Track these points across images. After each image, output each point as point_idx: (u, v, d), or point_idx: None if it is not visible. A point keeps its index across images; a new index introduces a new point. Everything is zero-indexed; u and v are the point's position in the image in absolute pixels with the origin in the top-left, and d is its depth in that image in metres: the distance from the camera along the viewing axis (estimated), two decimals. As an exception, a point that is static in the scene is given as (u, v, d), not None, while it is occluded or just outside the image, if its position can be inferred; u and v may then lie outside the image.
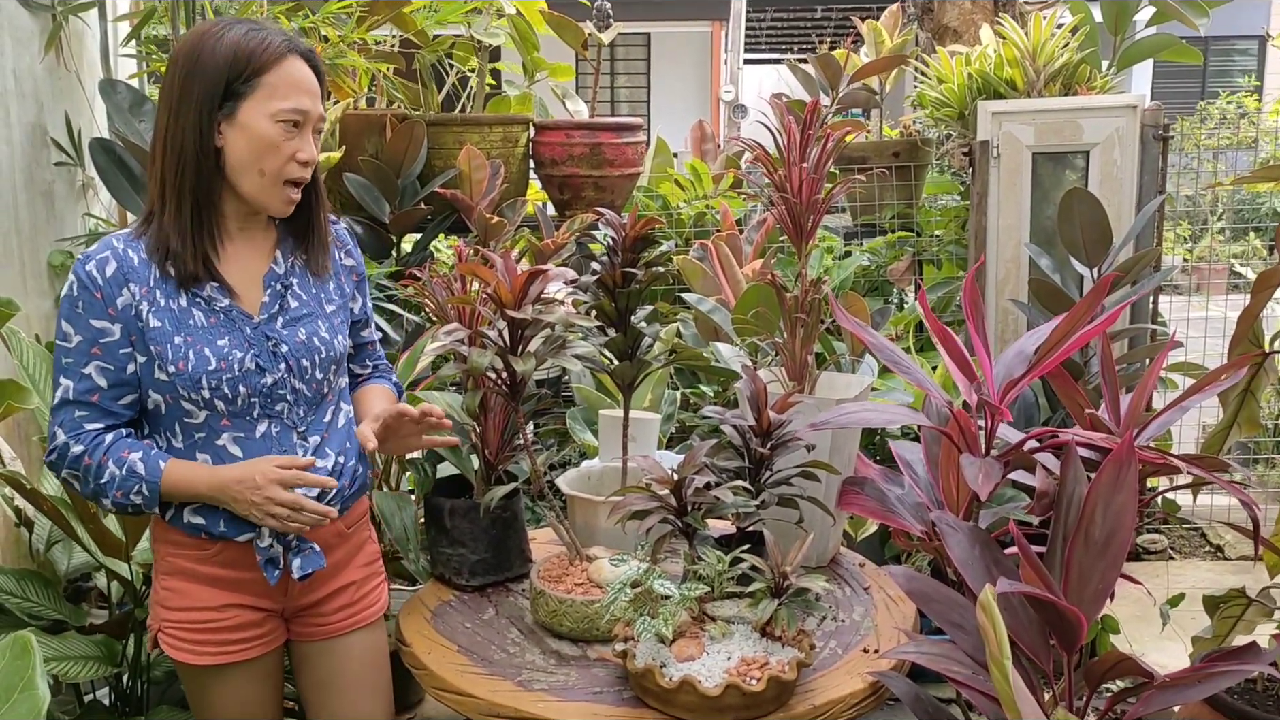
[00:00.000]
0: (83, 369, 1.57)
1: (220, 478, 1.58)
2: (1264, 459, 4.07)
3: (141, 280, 1.58)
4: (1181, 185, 5.56)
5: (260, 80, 1.55)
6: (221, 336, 1.60)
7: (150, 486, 1.57)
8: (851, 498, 1.70)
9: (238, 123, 1.56)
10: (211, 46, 1.55)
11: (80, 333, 1.57)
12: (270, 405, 1.64)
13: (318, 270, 1.72)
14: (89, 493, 1.60)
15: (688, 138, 5.04)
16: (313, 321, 1.70)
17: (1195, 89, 13.32)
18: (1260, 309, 2.14)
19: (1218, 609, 2.34)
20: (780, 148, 2.10)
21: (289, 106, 1.57)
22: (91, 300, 1.56)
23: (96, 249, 1.59)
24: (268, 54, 1.56)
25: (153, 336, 1.57)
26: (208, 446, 1.62)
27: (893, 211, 3.96)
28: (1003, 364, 1.66)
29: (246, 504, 1.57)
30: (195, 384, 1.57)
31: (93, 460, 1.57)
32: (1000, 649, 1.18)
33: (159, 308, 1.58)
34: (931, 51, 4.26)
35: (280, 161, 1.59)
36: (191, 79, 1.54)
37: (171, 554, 1.66)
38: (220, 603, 1.66)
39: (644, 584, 1.62)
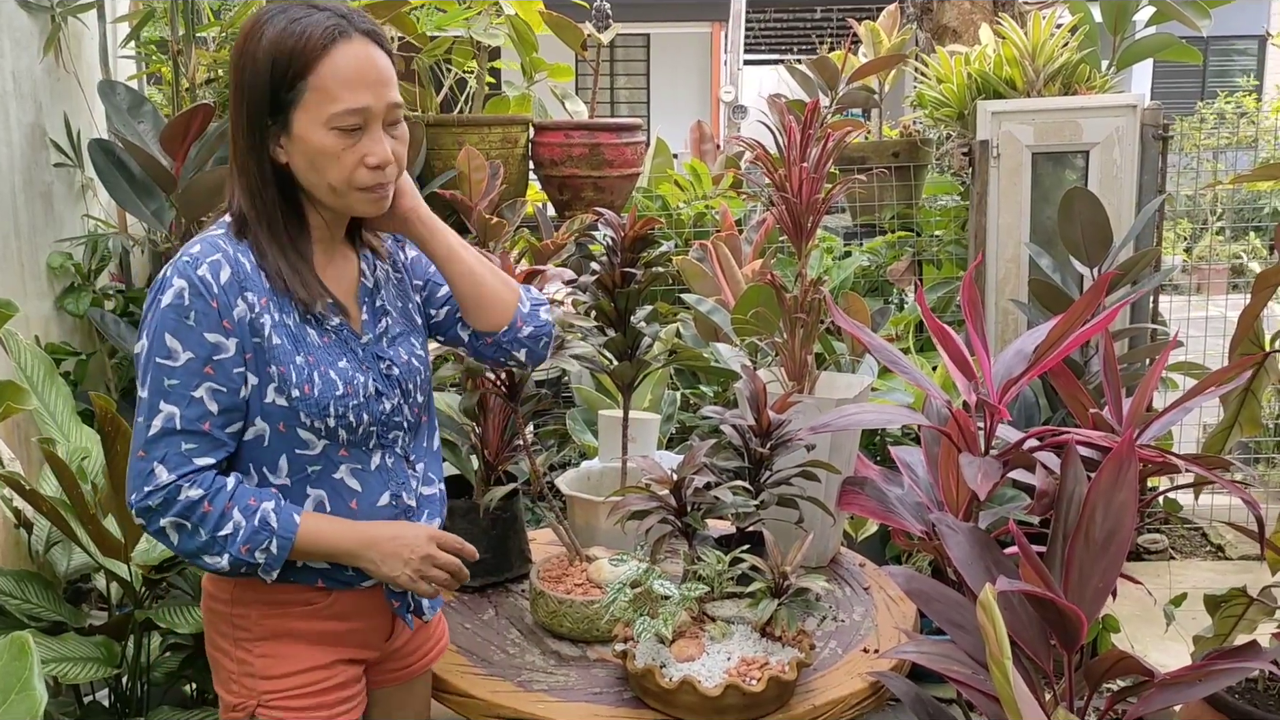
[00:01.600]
0: (193, 391, 1.32)
1: (369, 534, 1.41)
2: (1265, 459, 4.06)
3: (259, 289, 1.36)
4: (1181, 185, 5.56)
5: (305, 83, 1.33)
6: (340, 358, 1.42)
7: (282, 543, 1.36)
8: (851, 498, 1.70)
9: (293, 135, 1.35)
10: (253, 51, 1.34)
11: (191, 348, 1.32)
12: (386, 433, 1.47)
13: (382, 255, 1.54)
14: (194, 547, 1.34)
15: (687, 138, 5.04)
16: (408, 340, 1.54)
17: (1195, 89, 13.32)
18: (1260, 309, 2.14)
19: (1219, 608, 2.34)
20: (780, 148, 2.10)
21: (342, 109, 1.33)
22: (206, 309, 1.32)
23: (204, 249, 1.34)
24: (309, 49, 1.33)
25: (275, 355, 1.36)
26: (323, 481, 1.43)
27: (892, 212, 3.96)
28: (1002, 363, 1.65)
29: (398, 563, 1.41)
30: (322, 410, 1.39)
31: (214, 508, 1.33)
32: (1001, 649, 1.18)
33: (277, 322, 1.37)
34: (931, 51, 4.26)
35: (346, 171, 1.36)
36: (241, 91, 1.36)
37: (268, 616, 1.44)
38: (329, 660, 1.47)
39: (644, 584, 1.62)
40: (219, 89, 3.16)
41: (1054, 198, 3.31)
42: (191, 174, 2.81)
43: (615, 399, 2.77)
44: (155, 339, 1.32)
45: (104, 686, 2.30)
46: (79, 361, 2.95)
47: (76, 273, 3.00)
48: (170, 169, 2.79)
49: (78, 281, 3.01)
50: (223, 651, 1.47)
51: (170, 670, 2.19)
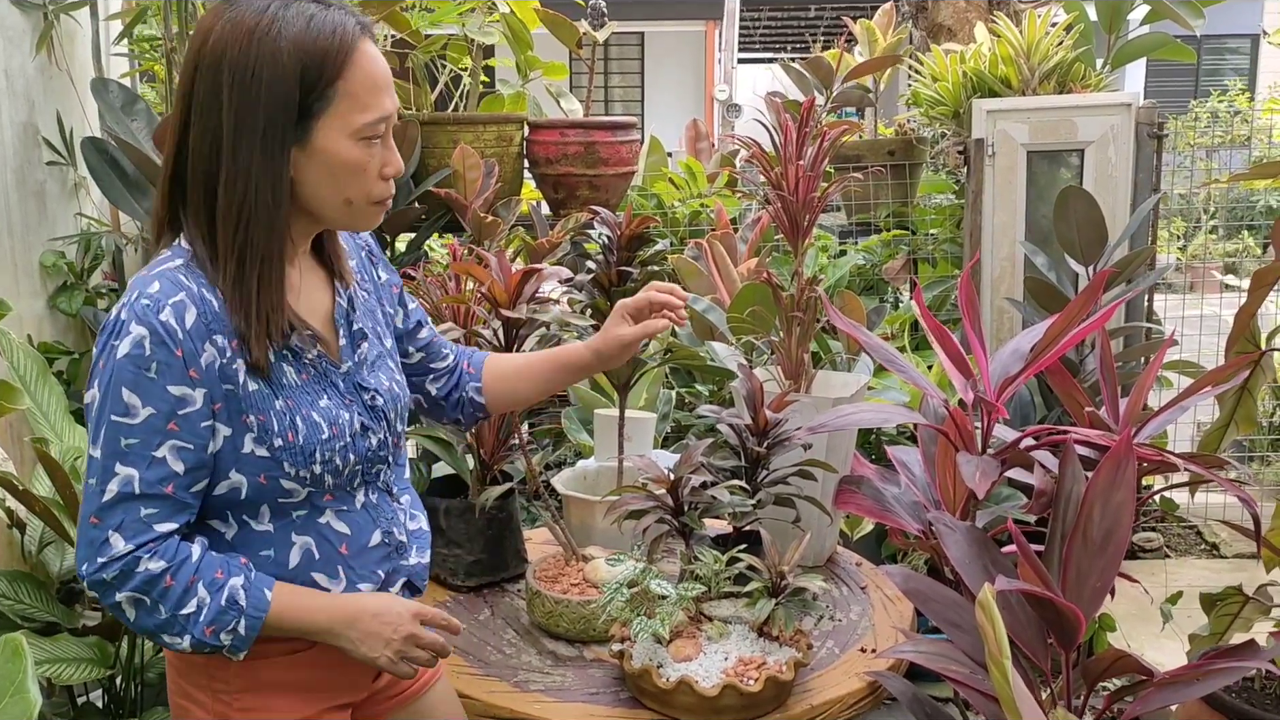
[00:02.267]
0: (154, 451, 1.17)
1: (349, 609, 1.28)
2: (1259, 457, 4.07)
3: (227, 331, 1.19)
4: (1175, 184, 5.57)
5: (335, 88, 1.18)
6: (321, 395, 1.28)
7: (251, 623, 1.21)
8: (848, 497, 1.69)
9: (312, 148, 1.20)
10: (271, 51, 1.16)
11: (152, 404, 1.16)
12: (370, 469, 1.35)
13: (348, 279, 1.38)
14: (153, 625, 1.20)
15: (682, 137, 5.04)
16: (386, 363, 1.40)
17: (1188, 87, 13.36)
18: (1257, 307, 2.14)
19: (1214, 607, 2.34)
20: (776, 146, 2.09)
21: (374, 117, 1.21)
22: (170, 359, 1.15)
23: (164, 289, 1.16)
24: (342, 50, 1.18)
25: (251, 403, 1.21)
26: (308, 528, 1.29)
27: (887, 210, 3.96)
28: (999, 362, 1.65)
29: (378, 643, 1.27)
30: (308, 458, 1.25)
31: (176, 582, 1.18)
32: (1000, 648, 1.18)
33: (249, 366, 1.21)
34: (926, 50, 4.26)
35: (368, 185, 1.24)
36: (250, 101, 1.16)
37: (249, 667, 1.28)
38: (314, 710, 1.34)
39: (640, 584, 1.61)
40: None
41: (1049, 196, 3.31)
42: (185, 172, 2.79)
43: (610, 398, 2.77)
44: (110, 393, 1.16)
45: (97, 687, 2.29)
46: (72, 360, 2.94)
47: (69, 271, 2.99)
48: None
49: (70, 280, 3.00)
50: (197, 703, 1.31)
51: (163, 671, 2.18)
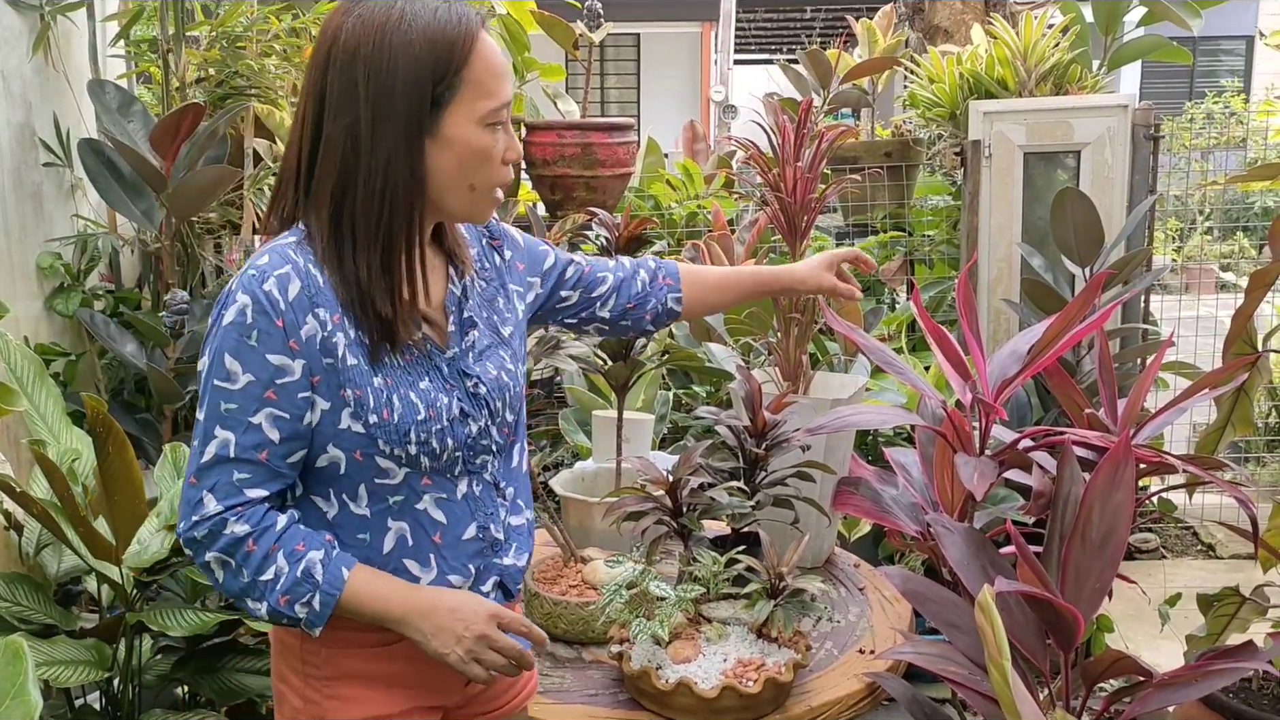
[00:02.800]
0: (250, 417, 1.20)
1: (425, 601, 1.27)
2: (1255, 458, 4.08)
3: (331, 305, 1.22)
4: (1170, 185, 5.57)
5: (461, 76, 1.21)
6: (422, 378, 1.28)
7: (325, 599, 1.22)
8: (846, 498, 1.69)
9: (442, 137, 1.22)
10: (403, 43, 1.19)
11: (251, 371, 1.19)
12: (473, 459, 1.34)
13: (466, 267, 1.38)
14: (237, 588, 1.23)
15: (679, 138, 5.04)
16: (496, 353, 1.38)
17: (1183, 89, 13.38)
18: (1254, 309, 2.15)
19: (1211, 607, 2.34)
20: (774, 147, 2.09)
21: (499, 103, 1.24)
22: (270, 329, 1.19)
23: (271, 261, 1.21)
24: (467, 38, 1.21)
25: (350, 377, 1.23)
26: (405, 513, 1.29)
27: (884, 211, 3.97)
28: (996, 363, 1.65)
29: (450, 639, 1.26)
30: (402, 437, 1.25)
31: (258, 547, 1.21)
32: (999, 649, 1.18)
33: (352, 340, 1.23)
34: (923, 51, 4.27)
35: (494, 171, 1.27)
36: (386, 93, 1.19)
37: (340, 655, 1.31)
38: (401, 707, 1.33)
39: (639, 585, 1.61)
40: (209, 88, 3.15)
41: (1046, 198, 3.31)
42: (182, 173, 2.79)
43: (608, 399, 2.77)
44: (214, 359, 1.21)
45: (95, 689, 2.29)
46: (69, 362, 2.93)
47: (66, 273, 2.98)
48: (160, 168, 2.77)
49: (67, 282, 2.99)
50: (290, 686, 1.34)
51: (162, 673, 2.18)
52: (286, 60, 3.16)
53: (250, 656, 2.14)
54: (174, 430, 2.96)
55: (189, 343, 2.87)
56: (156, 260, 3.06)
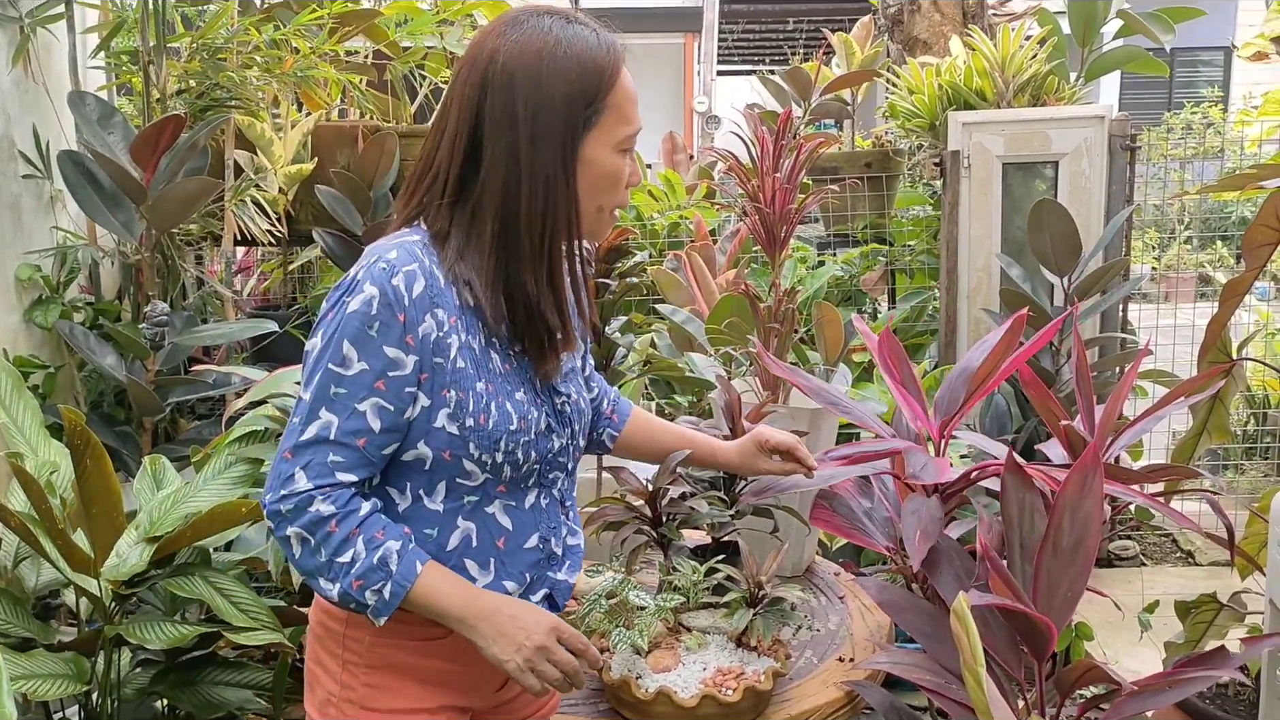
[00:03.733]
0: (357, 404, 1.24)
1: (489, 605, 1.29)
2: (1234, 465, 4.11)
3: (449, 307, 1.27)
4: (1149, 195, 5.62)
5: (606, 103, 1.27)
6: (518, 389, 1.32)
7: (396, 589, 1.25)
8: (820, 513, 1.71)
9: (583, 159, 1.27)
10: (560, 69, 1.25)
11: (367, 360, 1.23)
12: (547, 473, 1.38)
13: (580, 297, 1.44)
14: (313, 566, 1.26)
15: (660, 149, 5.05)
16: (576, 378, 1.45)
17: (1162, 99, 13.48)
18: (1228, 317, 2.17)
19: (1189, 614, 2.36)
20: (754, 158, 2.11)
21: (634, 130, 1.30)
22: (392, 322, 1.23)
23: (400, 257, 1.25)
24: (614, 66, 1.27)
25: (456, 379, 1.27)
26: (476, 514, 1.33)
27: (865, 222, 3.99)
28: (947, 388, 1.70)
29: (510, 646, 1.28)
30: (493, 444, 1.29)
31: (340, 530, 1.24)
32: (974, 657, 1.19)
33: (463, 344, 1.28)
34: (902, 63, 4.29)
35: (620, 194, 1.32)
36: (544, 116, 1.24)
37: (381, 644, 1.34)
38: (435, 704, 1.36)
39: (619, 595, 1.62)
40: (190, 99, 3.14)
41: (1025, 208, 3.34)
42: (162, 185, 2.79)
43: (590, 410, 2.77)
44: (333, 343, 1.24)
45: (73, 703, 2.27)
46: (47, 375, 2.92)
47: (45, 285, 2.97)
48: (140, 180, 2.77)
49: (46, 294, 2.98)
50: (327, 671, 1.37)
51: (140, 686, 2.17)
52: (267, 72, 3.16)
53: (230, 669, 2.13)
54: (154, 442, 2.95)
55: (169, 354, 2.87)
56: (136, 272, 3.05)
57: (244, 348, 3.44)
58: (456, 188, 1.29)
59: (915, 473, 1.57)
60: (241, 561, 2.20)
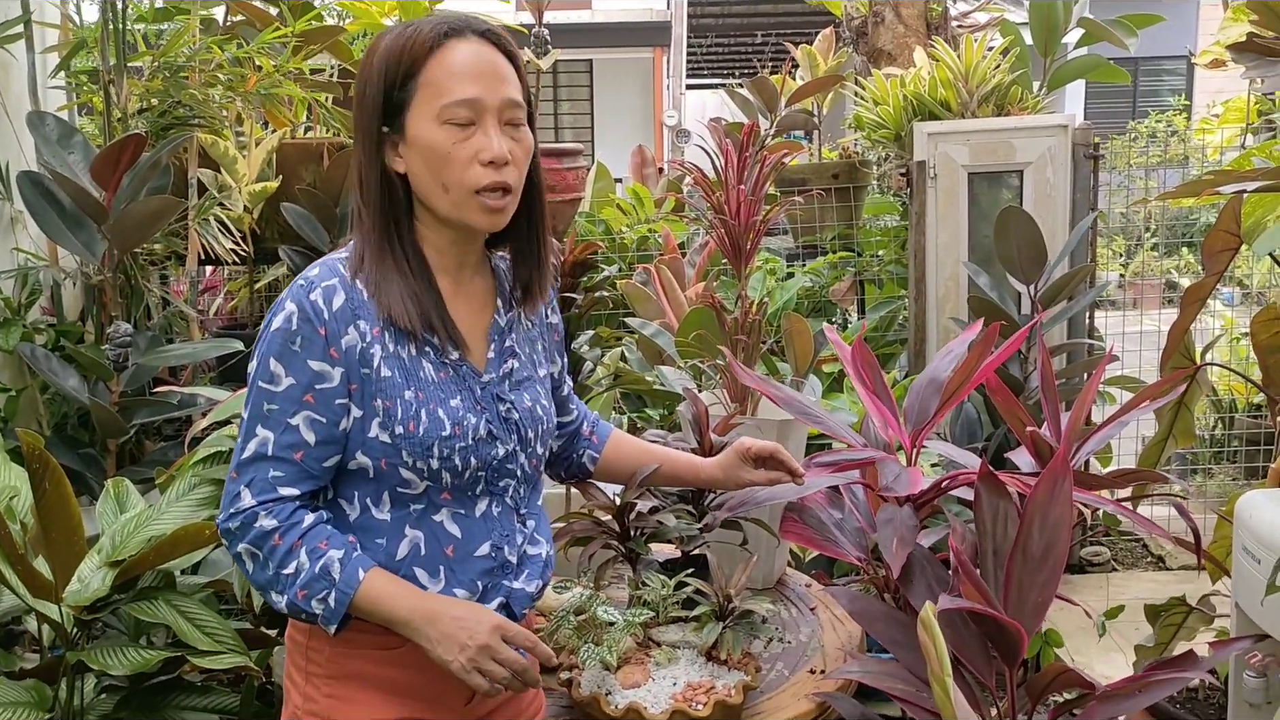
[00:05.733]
0: (289, 419, 1.28)
1: (432, 608, 1.30)
2: (1202, 469, 4.14)
3: (371, 318, 1.31)
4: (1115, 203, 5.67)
5: (416, 81, 1.30)
6: (453, 396, 1.34)
7: (340, 597, 1.27)
8: (790, 526, 1.71)
9: (408, 137, 1.31)
10: (368, 62, 1.33)
11: (293, 375, 1.28)
12: (496, 481, 1.39)
13: (535, 304, 1.47)
14: (263, 580, 1.30)
15: (629, 163, 5.06)
16: (533, 387, 1.45)
17: (1127, 108, 13.64)
18: (1189, 323, 2.19)
19: (1159, 617, 2.37)
20: (718, 171, 2.11)
21: (452, 100, 1.29)
22: (313, 336, 1.28)
23: (321, 274, 1.31)
24: (417, 47, 1.30)
25: (382, 388, 1.30)
26: (422, 523, 1.34)
27: (834, 232, 4.00)
28: (914, 396, 1.70)
29: (454, 646, 1.28)
30: (425, 450, 1.31)
31: (284, 542, 1.28)
32: (942, 666, 1.18)
33: (389, 354, 1.31)
34: (867, 75, 4.32)
35: (459, 170, 1.30)
36: (360, 114, 1.33)
37: (341, 655, 1.35)
38: (397, 714, 1.36)
39: (587, 611, 1.60)
40: (152, 118, 3.11)
41: (991, 216, 3.36)
42: (124, 204, 2.76)
43: (560, 424, 2.76)
44: (261, 362, 1.30)
45: (36, 732, 2.23)
46: (9, 398, 2.88)
47: (6, 307, 2.93)
48: (101, 200, 2.74)
49: (7, 315, 2.94)
50: (293, 683, 1.39)
51: (105, 713, 2.13)
52: (231, 90, 3.14)
53: (196, 694, 2.10)
54: (119, 464, 2.91)
55: (133, 376, 2.83)
56: (99, 293, 3.02)
57: (210, 367, 3.40)
58: (357, 202, 1.37)
59: (889, 484, 1.57)
60: (208, 584, 2.17)
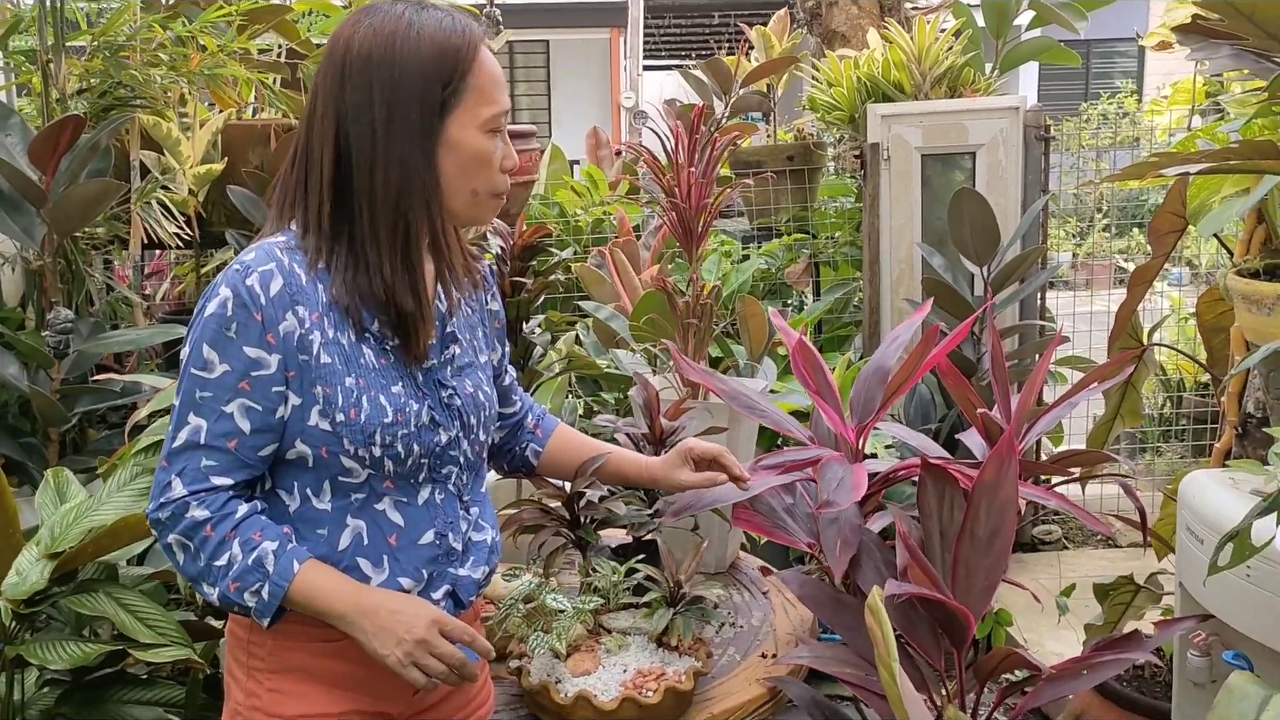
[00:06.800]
0: (223, 407, 1.24)
1: (369, 601, 1.27)
2: (1151, 448, 4.20)
3: (311, 304, 1.27)
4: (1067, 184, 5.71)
5: (465, 83, 1.27)
6: (395, 383, 1.31)
7: (274, 589, 1.24)
8: (741, 513, 1.70)
9: (446, 141, 1.27)
10: (413, 49, 1.25)
11: (228, 362, 1.24)
12: (439, 468, 1.36)
13: (459, 284, 1.41)
14: (194, 572, 1.26)
15: (585, 144, 5.02)
16: (475, 372, 1.42)
17: (1079, 91, 13.77)
18: (1136, 304, 2.20)
19: (1108, 596, 2.40)
20: (669, 152, 2.09)
21: (498, 110, 1.29)
22: (249, 322, 1.23)
23: (257, 258, 1.26)
24: (471, 46, 1.28)
25: (322, 375, 1.26)
26: (364, 512, 1.31)
27: (789, 215, 4.00)
28: (861, 384, 1.70)
29: (390, 640, 1.25)
30: (366, 438, 1.27)
31: (215, 533, 1.24)
32: (888, 652, 1.18)
33: (329, 340, 1.27)
34: (821, 56, 4.31)
35: (494, 177, 1.31)
36: (399, 96, 1.25)
37: (282, 648, 1.32)
38: (343, 708, 1.33)
39: (537, 599, 1.59)
40: (92, 99, 3.04)
41: (944, 198, 3.37)
42: (63, 188, 2.69)
43: (513, 409, 2.73)
44: (194, 348, 1.25)
45: (-24, 729, 2.19)
46: (-53, 386, 2.81)
47: (-58, 294, 2.86)
48: (40, 183, 2.67)
49: (-56, 303, 2.87)
50: (235, 679, 1.36)
51: (46, 708, 2.09)
52: (173, 70, 3.07)
53: (139, 687, 2.06)
54: (61, 454, 2.85)
55: (75, 363, 2.77)
56: (39, 278, 2.95)
57: (157, 354, 3.34)
58: (320, 182, 1.29)
59: (829, 496, 1.53)
60: (153, 575, 2.13)
